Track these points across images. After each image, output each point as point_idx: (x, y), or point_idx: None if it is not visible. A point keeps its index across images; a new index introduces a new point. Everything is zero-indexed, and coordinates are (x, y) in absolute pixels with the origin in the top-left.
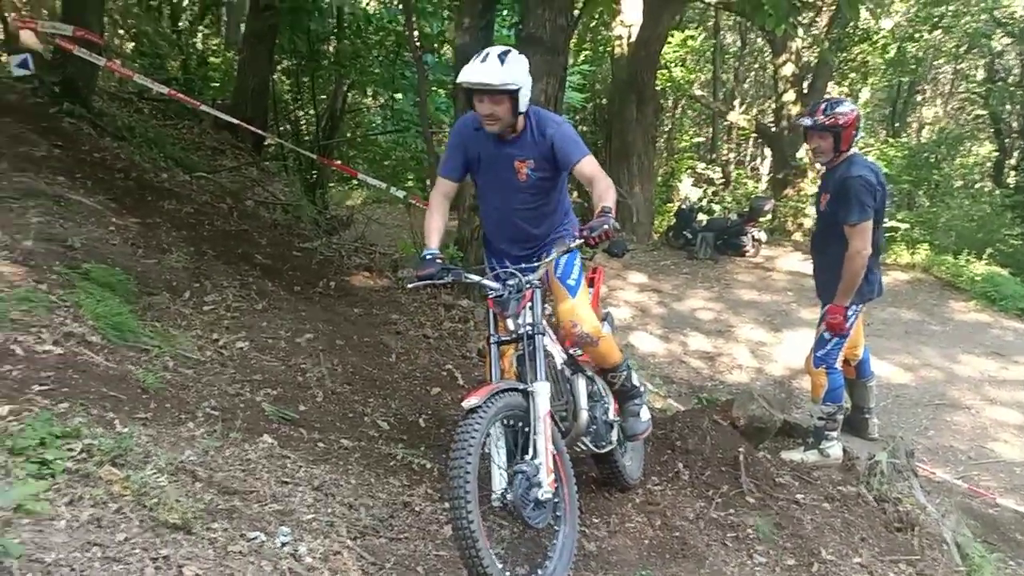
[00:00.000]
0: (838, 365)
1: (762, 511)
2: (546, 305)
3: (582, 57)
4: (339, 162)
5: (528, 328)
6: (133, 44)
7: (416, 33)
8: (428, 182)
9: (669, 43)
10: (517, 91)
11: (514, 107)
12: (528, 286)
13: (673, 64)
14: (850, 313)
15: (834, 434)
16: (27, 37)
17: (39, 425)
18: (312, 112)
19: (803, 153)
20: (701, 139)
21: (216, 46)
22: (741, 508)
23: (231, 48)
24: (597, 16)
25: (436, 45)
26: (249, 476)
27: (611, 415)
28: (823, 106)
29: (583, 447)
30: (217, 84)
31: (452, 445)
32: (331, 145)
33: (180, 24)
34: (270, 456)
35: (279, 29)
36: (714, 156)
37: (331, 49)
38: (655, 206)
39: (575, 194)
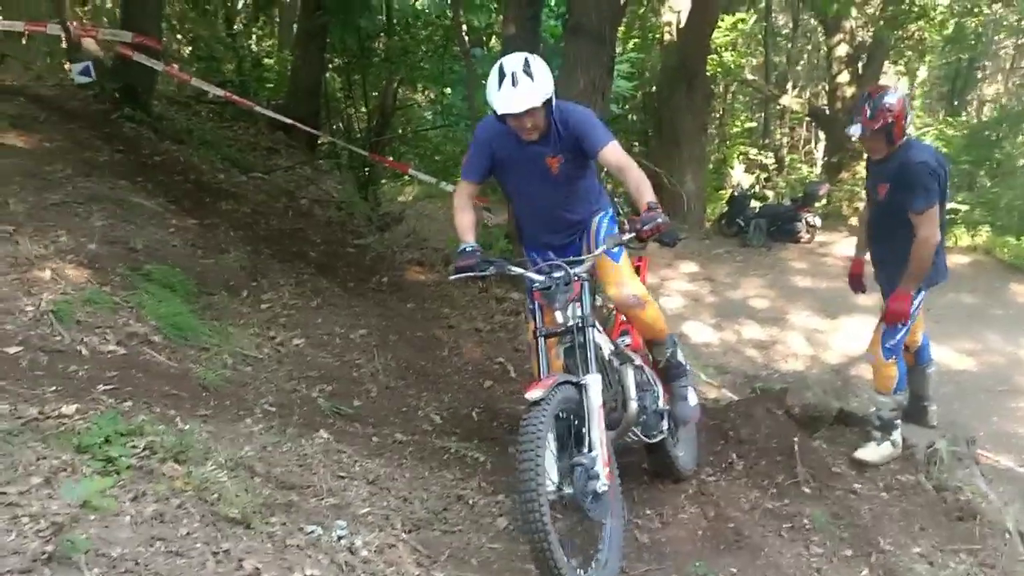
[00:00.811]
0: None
1: (818, 501)
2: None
3: (631, 45)
4: (390, 159)
5: (578, 320)
6: (190, 48)
7: (464, 27)
8: None
9: (719, 27)
10: (551, 98)
11: (549, 111)
12: (576, 278)
13: (723, 48)
14: (917, 300)
15: (899, 422)
16: (88, 45)
17: (104, 423)
18: (363, 109)
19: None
20: (753, 124)
21: (270, 47)
22: (797, 498)
23: (284, 49)
24: (645, 2)
25: (484, 38)
26: (306, 471)
27: (661, 404)
28: (867, 106)
29: (634, 437)
30: (271, 85)
31: (519, 438)
32: (382, 142)
33: (234, 27)
34: (326, 451)
35: (330, 28)
36: (767, 141)
37: (381, 46)
38: (707, 193)
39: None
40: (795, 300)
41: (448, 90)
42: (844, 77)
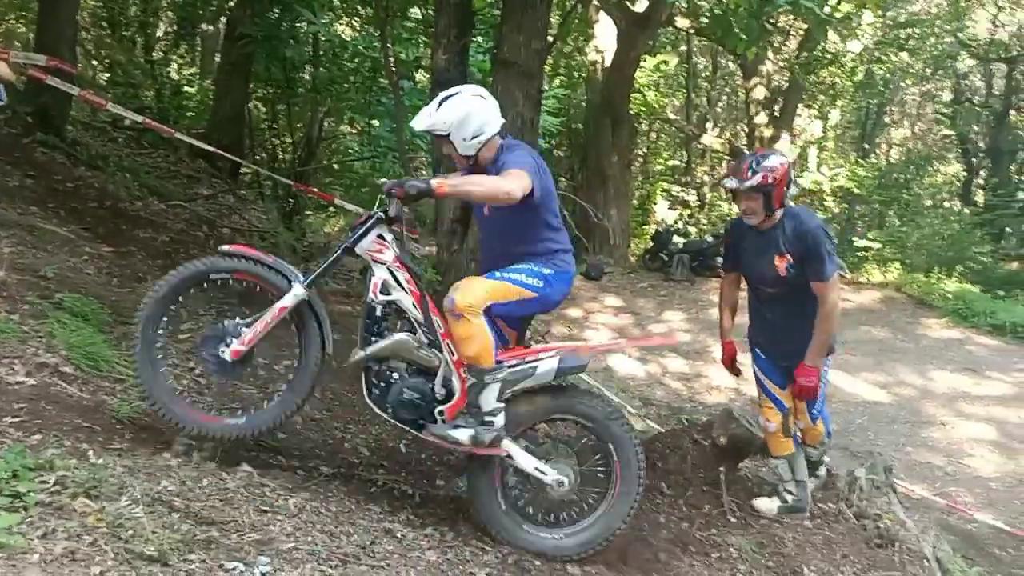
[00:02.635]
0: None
1: (744, 530)
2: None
3: (557, 82)
4: (316, 189)
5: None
6: (107, 74)
7: (392, 59)
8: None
9: (642, 67)
10: (447, 135)
11: (455, 147)
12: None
13: (647, 88)
14: (826, 370)
15: (826, 458)
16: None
17: (12, 457)
18: (288, 139)
19: None
20: (676, 162)
21: (191, 75)
22: (723, 528)
23: (206, 77)
24: (571, 41)
25: (412, 71)
26: (227, 505)
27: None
28: (749, 162)
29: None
30: (192, 113)
31: None
32: (307, 172)
33: (154, 54)
34: (248, 485)
35: (255, 57)
36: (689, 179)
37: (307, 76)
38: (631, 229)
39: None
40: (717, 334)
41: (375, 122)
42: (761, 118)
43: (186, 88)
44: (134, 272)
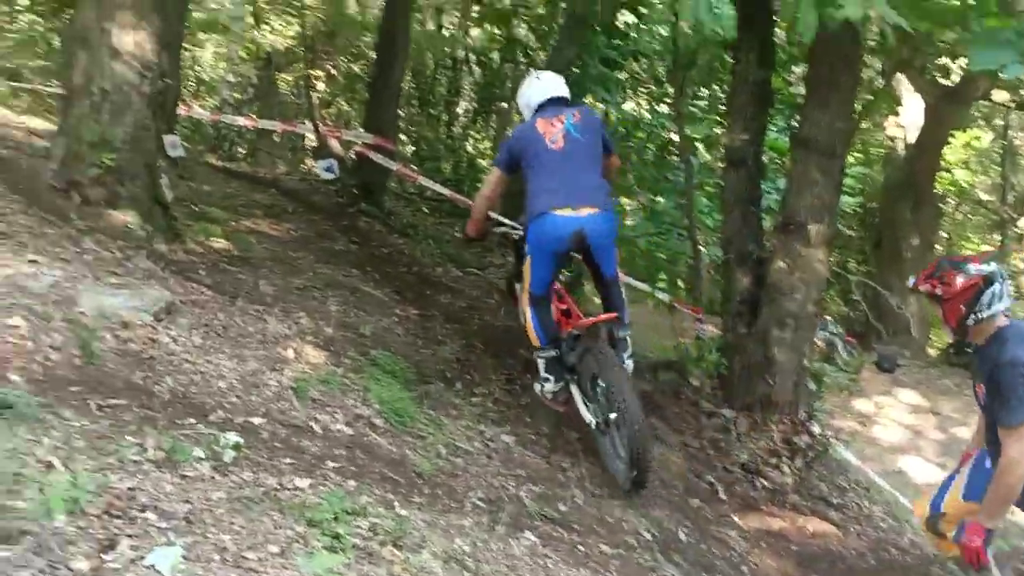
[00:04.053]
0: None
1: None
2: None
3: (851, 159)
4: None
5: None
6: (413, 148)
7: (683, 136)
8: (681, 283)
9: (950, 143)
10: None
11: None
12: None
13: (955, 166)
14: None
15: None
16: (333, 144)
17: (334, 500)
18: None
19: None
20: (987, 247)
21: (485, 149)
22: None
23: (497, 151)
24: (869, 120)
25: (699, 149)
26: (512, 572)
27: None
28: (938, 265)
29: None
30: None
31: None
32: None
33: (453, 129)
34: (532, 554)
35: None
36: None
37: None
38: (932, 318)
39: None
40: None
41: (660, 198)
42: None
43: (479, 160)
44: (435, 335)
